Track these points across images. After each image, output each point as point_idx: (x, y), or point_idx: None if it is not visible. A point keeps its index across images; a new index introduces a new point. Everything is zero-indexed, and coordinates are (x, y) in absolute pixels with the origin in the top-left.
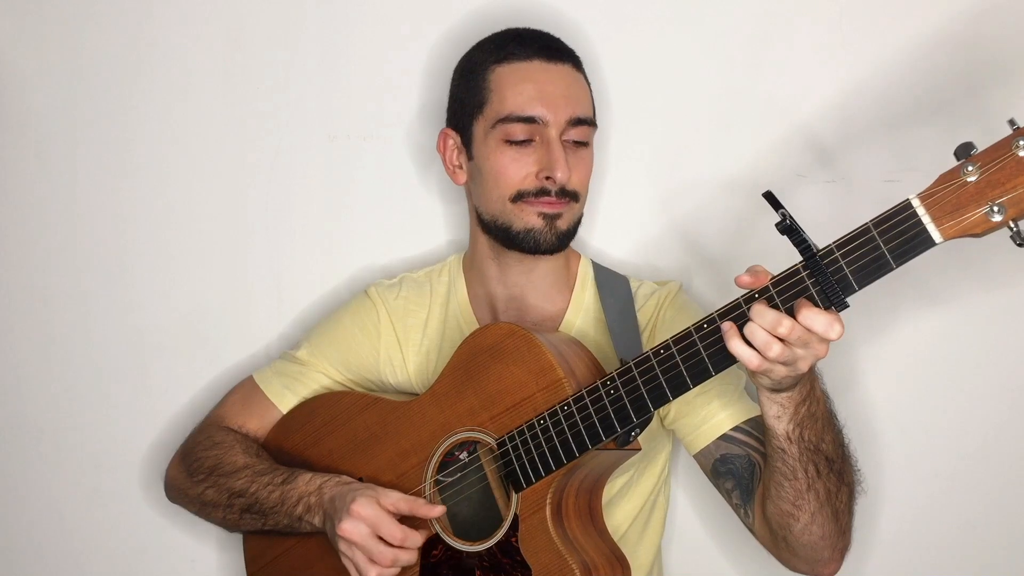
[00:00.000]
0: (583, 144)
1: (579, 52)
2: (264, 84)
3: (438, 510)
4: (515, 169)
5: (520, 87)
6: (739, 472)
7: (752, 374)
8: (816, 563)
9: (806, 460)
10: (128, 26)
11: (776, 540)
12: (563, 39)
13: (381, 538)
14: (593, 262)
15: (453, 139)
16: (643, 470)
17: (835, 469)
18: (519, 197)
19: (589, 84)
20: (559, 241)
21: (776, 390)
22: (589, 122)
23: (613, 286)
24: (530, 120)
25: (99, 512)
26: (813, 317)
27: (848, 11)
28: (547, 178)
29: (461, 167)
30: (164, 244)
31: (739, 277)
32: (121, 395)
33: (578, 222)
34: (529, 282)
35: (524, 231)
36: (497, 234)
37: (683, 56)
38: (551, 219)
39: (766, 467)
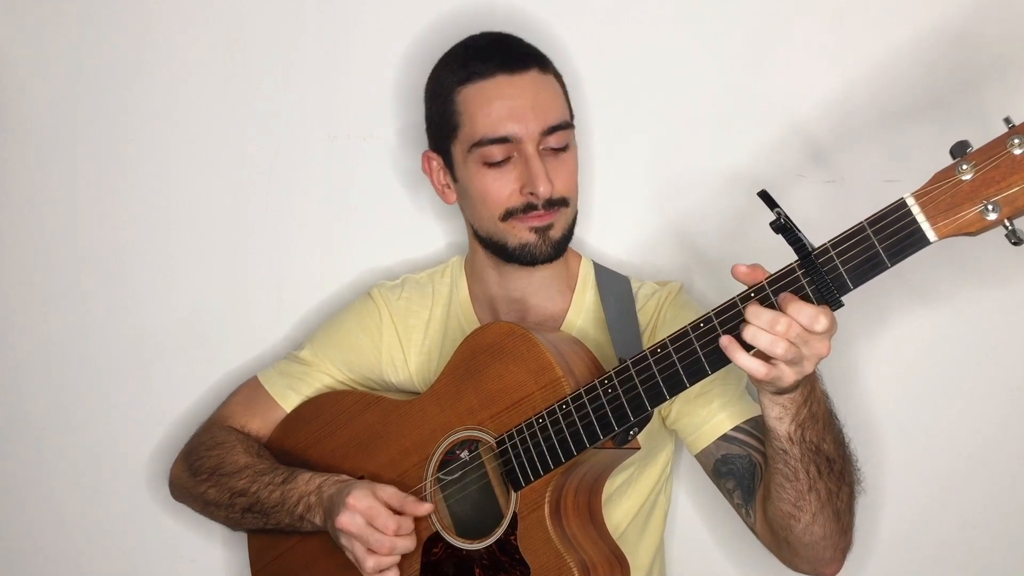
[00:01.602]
0: (562, 148)
1: (577, 53)
2: (264, 84)
3: (426, 507)
4: (498, 189)
5: (487, 108)
6: (740, 472)
7: (757, 380)
8: (818, 563)
9: (807, 461)
10: (128, 26)
11: (778, 540)
12: (561, 40)
13: (376, 528)
14: (594, 263)
15: (436, 160)
16: (643, 469)
17: (836, 469)
18: (508, 215)
19: (560, 80)
20: (555, 250)
21: (778, 392)
22: (564, 126)
23: (614, 286)
24: (504, 140)
25: (99, 512)
26: (799, 309)
27: (847, 11)
28: (531, 193)
29: (449, 187)
30: (164, 244)
31: (736, 266)
32: (121, 395)
33: (573, 223)
34: (529, 286)
35: (519, 247)
36: (494, 249)
37: (682, 55)
38: (543, 231)
39: (767, 468)
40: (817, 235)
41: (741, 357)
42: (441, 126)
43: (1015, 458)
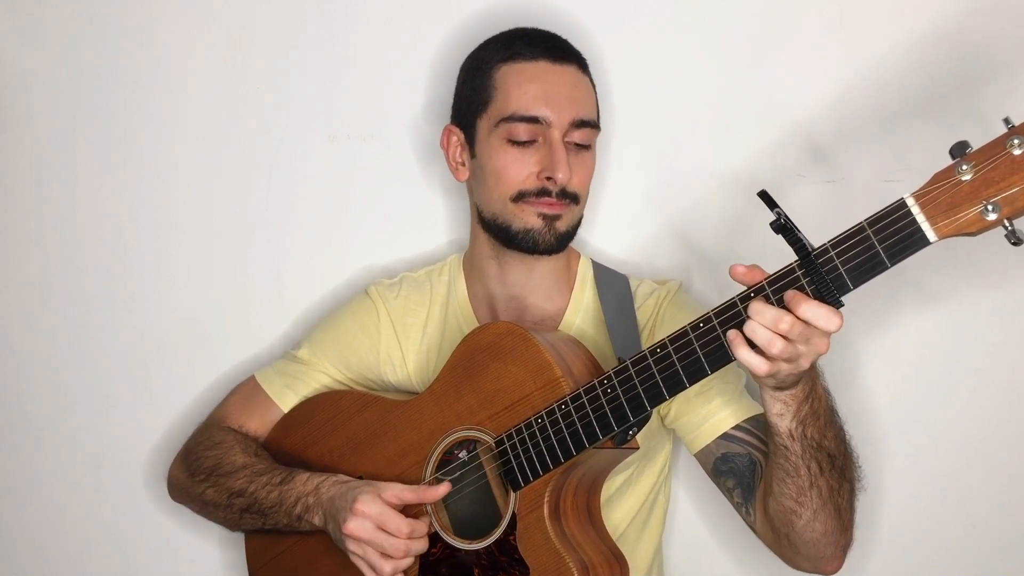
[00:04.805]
0: (585, 147)
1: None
2: (264, 84)
3: (443, 488)
4: (517, 169)
5: (525, 87)
6: (740, 471)
7: (757, 376)
8: (819, 560)
9: (808, 457)
10: (128, 26)
11: (778, 538)
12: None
13: (388, 532)
14: (593, 261)
15: (457, 136)
16: (642, 469)
17: (837, 466)
18: (520, 197)
19: (595, 87)
20: (558, 242)
21: (779, 388)
22: (592, 124)
23: (613, 285)
24: (533, 120)
25: (99, 512)
26: (813, 309)
27: (847, 11)
28: (548, 178)
29: (464, 164)
30: (164, 244)
31: (734, 266)
32: (121, 395)
33: (578, 224)
34: (529, 282)
35: (523, 231)
36: (497, 233)
37: (683, 55)
38: (551, 220)
39: (768, 464)
40: (817, 235)
41: (743, 352)
42: (472, 99)
43: (1015, 457)
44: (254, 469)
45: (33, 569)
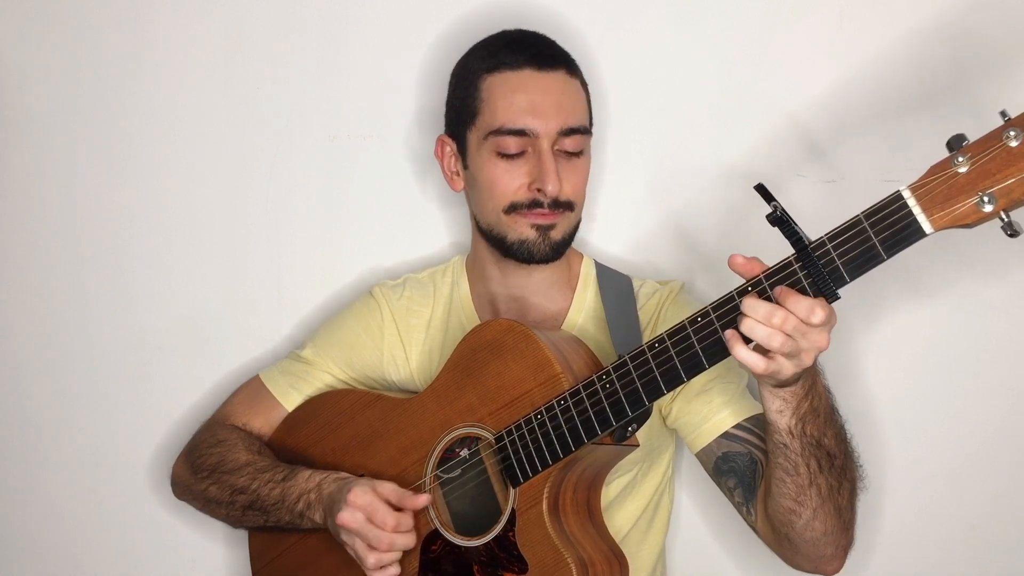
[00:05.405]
0: (577, 153)
1: (577, 50)
2: (264, 84)
3: (423, 499)
4: (507, 181)
5: (510, 98)
6: (741, 470)
7: (757, 375)
8: (819, 560)
9: (808, 455)
10: (128, 26)
11: (779, 538)
12: (561, 37)
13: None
14: (596, 262)
15: (450, 146)
16: (646, 471)
17: (837, 465)
18: (512, 209)
19: (586, 87)
20: (553, 252)
21: (779, 385)
22: (582, 131)
23: (615, 285)
24: (520, 133)
25: (100, 512)
26: (797, 302)
27: (845, 9)
28: (539, 190)
29: (458, 174)
30: (164, 244)
31: (734, 256)
32: (121, 395)
33: (575, 229)
34: (530, 284)
35: (518, 242)
36: (493, 243)
37: (682, 53)
38: (544, 230)
39: (768, 463)
40: (816, 233)
41: (740, 350)
42: (461, 111)
43: (1015, 455)
44: (257, 466)
45: (33, 569)
